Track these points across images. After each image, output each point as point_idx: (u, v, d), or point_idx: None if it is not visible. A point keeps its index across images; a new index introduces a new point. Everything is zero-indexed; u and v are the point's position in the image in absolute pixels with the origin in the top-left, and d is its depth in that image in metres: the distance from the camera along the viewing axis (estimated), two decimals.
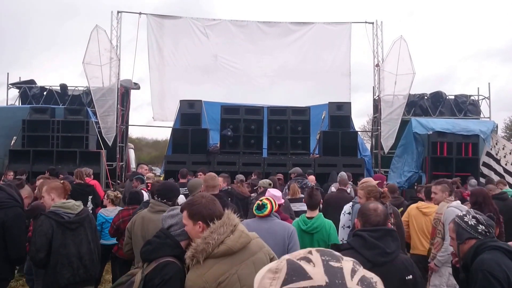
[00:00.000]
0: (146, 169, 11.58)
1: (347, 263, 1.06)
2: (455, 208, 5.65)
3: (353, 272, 1.03)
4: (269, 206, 4.76)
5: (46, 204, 4.94)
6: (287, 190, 9.51)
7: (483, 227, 3.44)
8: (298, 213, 7.01)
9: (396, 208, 6.95)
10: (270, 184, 8.07)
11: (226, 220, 3.01)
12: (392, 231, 3.30)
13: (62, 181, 5.15)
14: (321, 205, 7.91)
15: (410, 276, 3.10)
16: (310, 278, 0.99)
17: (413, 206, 7.51)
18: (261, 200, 4.84)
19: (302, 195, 8.64)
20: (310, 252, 1.08)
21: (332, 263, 1.03)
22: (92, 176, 11.40)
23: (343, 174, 11.76)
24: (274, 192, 6.34)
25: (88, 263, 4.81)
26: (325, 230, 5.56)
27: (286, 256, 1.08)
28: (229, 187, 9.05)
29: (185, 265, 3.04)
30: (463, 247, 3.52)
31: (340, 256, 1.09)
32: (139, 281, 3.02)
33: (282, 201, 7.04)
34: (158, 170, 41.31)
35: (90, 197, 9.47)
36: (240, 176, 11.26)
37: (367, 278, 1.04)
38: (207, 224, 2.98)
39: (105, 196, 8.42)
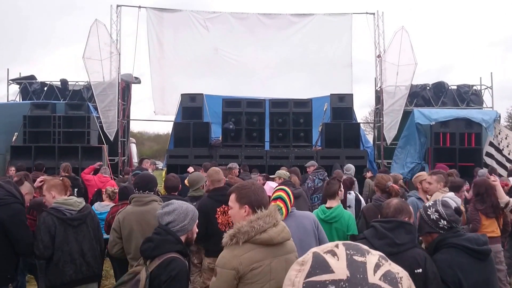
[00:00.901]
0: (149, 164, 11.50)
1: (372, 257, 1.05)
2: (449, 199, 5.60)
3: (377, 266, 1.02)
4: (284, 210, 4.60)
5: (48, 202, 4.90)
6: (310, 184, 9.45)
7: (445, 222, 3.35)
8: None
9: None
10: (289, 177, 7.99)
11: (273, 212, 3.06)
12: (407, 224, 3.30)
13: (61, 178, 5.11)
14: None
15: (420, 270, 3.08)
16: (332, 271, 0.99)
17: None
18: (275, 202, 4.68)
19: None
20: (336, 246, 1.08)
21: (356, 257, 1.03)
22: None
23: (349, 166, 11.77)
24: (272, 185, 6.37)
25: (91, 260, 4.77)
26: (344, 220, 5.57)
27: (314, 249, 1.08)
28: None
29: (190, 259, 3.03)
30: (425, 238, 3.49)
31: (367, 250, 1.08)
32: (144, 279, 3.01)
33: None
34: (160, 164, 41.38)
35: (75, 189, 9.47)
36: (234, 165, 11.26)
37: (392, 273, 1.03)
38: (253, 210, 3.03)
39: (104, 191, 8.42)
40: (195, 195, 6.70)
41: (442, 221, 3.35)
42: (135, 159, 20.18)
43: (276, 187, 4.98)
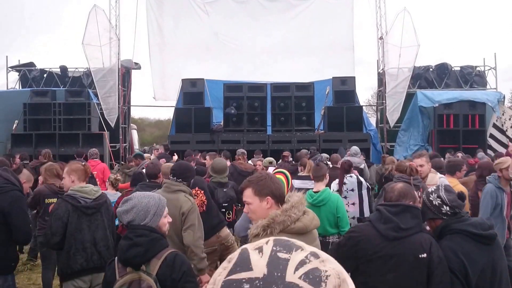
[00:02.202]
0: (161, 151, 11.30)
1: (299, 254, 0.97)
2: (445, 179, 5.60)
3: (301, 264, 0.94)
4: (285, 187, 4.60)
5: (65, 186, 4.84)
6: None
7: (448, 208, 3.26)
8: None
9: None
10: (270, 163, 7.93)
11: (303, 200, 2.94)
12: (413, 208, 3.22)
13: (83, 163, 4.99)
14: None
15: (424, 255, 3.03)
16: (250, 269, 0.93)
17: None
18: None
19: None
20: (267, 242, 1.01)
21: (280, 254, 0.96)
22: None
23: (355, 148, 11.63)
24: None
25: (103, 249, 4.69)
26: (332, 203, 5.57)
27: (246, 245, 1.02)
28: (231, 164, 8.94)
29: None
30: (430, 224, 3.44)
31: (297, 246, 0.99)
32: (155, 284, 2.79)
33: None
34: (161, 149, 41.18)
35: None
36: (241, 150, 11.16)
37: (318, 271, 0.93)
38: (276, 200, 2.87)
39: (107, 180, 8.27)
40: (221, 181, 6.71)
41: (444, 207, 3.27)
42: (136, 146, 20.06)
43: (275, 169, 4.95)
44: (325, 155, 11.15)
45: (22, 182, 4.82)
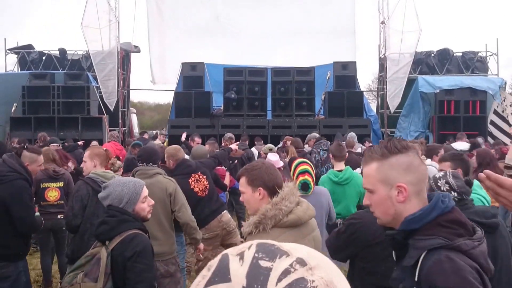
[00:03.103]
0: (162, 136, 11.00)
1: (283, 262, 0.85)
2: (430, 166, 5.55)
3: (285, 274, 0.83)
4: (312, 184, 4.57)
5: (87, 169, 4.85)
6: (317, 157, 9.25)
7: (456, 194, 3.20)
8: None
9: None
10: (270, 150, 7.84)
11: (295, 190, 2.81)
12: None
13: (105, 149, 5.00)
14: None
15: None
16: (229, 280, 0.83)
17: None
18: (304, 176, 4.55)
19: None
20: (249, 247, 0.89)
21: (262, 262, 0.85)
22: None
23: (352, 135, 11.58)
24: (271, 158, 6.47)
25: None
26: (356, 181, 5.56)
27: (227, 250, 0.90)
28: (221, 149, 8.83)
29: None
30: None
31: (281, 252, 0.87)
32: (106, 257, 2.89)
33: (281, 164, 6.84)
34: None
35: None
36: (228, 135, 11.05)
37: (304, 281, 0.82)
38: (268, 191, 2.75)
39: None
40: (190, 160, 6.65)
41: (452, 192, 3.20)
42: (136, 130, 19.93)
43: (298, 160, 4.83)
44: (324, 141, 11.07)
45: (26, 164, 4.70)
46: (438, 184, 3.31)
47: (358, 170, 7.47)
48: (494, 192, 1.44)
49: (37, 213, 4.74)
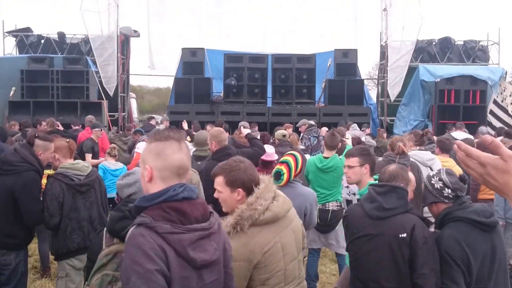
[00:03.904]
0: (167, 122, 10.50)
1: None
2: (411, 157, 5.83)
3: None
4: (286, 175, 4.22)
5: (53, 165, 4.65)
6: (307, 143, 9.12)
7: (450, 191, 3.20)
8: None
9: None
10: (284, 136, 7.62)
11: (269, 185, 2.77)
12: (399, 188, 3.21)
13: (67, 140, 4.73)
14: None
15: (404, 235, 3.03)
16: None
17: None
18: (281, 165, 4.32)
19: (302, 146, 8.46)
20: None
21: None
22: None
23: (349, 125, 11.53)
24: (268, 150, 6.08)
25: (99, 227, 4.50)
26: (340, 170, 5.56)
27: None
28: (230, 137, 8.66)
29: None
30: (431, 210, 3.35)
31: None
32: None
33: (276, 157, 6.64)
34: (160, 118, 40.80)
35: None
36: (243, 123, 10.83)
37: None
38: (247, 191, 2.70)
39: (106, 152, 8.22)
40: (200, 154, 6.36)
41: (446, 189, 3.20)
42: (135, 115, 19.74)
43: (289, 152, 4.62)
44: (324, 128, 10.92)
45: (39, 154, 4.53)
46: (432, 182, 3.28)
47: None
48: (464, 164, 1.45)
49: None
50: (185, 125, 10.85)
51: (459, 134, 10.27)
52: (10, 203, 4.30)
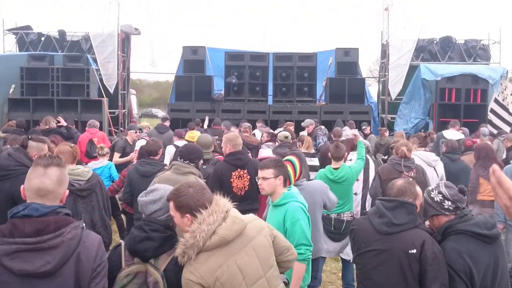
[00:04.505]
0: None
1: None
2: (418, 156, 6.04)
3: None
4: (292, 174, 4.39)
5: None
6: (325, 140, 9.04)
7: (450, 203, 3.19)
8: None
9: None
10: (286, 137, 7.55)
11: (215, 207, 2.65)
12: (408, 204, 3.18)
13: (72, 145, 4.72)
14: None
15: (414, 251, 3.02)
16: None
17: None
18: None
19: (314, 151, 8.26)
20: None
21: None
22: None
23: (351, 123, 11.44)
24: (265, 154, 6.45)
25: (102, 230, 4.59)
26: (351, 179, 5.83)
27: None
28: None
29: None
30: (432, 223, 3.32)
31: None
32: (161, 280, 2.65)
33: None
34: (160, 113, 40.61)
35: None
36: (247, 124, 10.70)
37: None
38: (195, 217, 2.62)
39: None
40: (204, 158, 6.09)
41: (446, 202, 3.19)
42: (135, 111, 19.51)
43: (284, 158, 4.68)
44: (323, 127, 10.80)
45: (33, 156, 4.46)
46: (432, 195, 3.26)
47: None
48: (493, 190, 1.46)
49: None
50: (206, 122, 10.82)
51: (452, 133, 10.10)
52: (10, 208, 4.12)
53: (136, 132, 9.02)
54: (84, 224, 2.49)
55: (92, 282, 2.35)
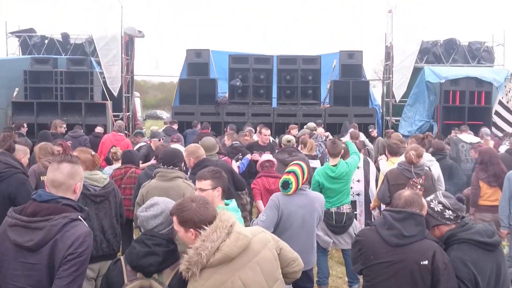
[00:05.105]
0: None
1: None
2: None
3: None
4: (294, 184, 4.48)
5: None
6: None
7: (450, 212, 3.21)
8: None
9: None
10: (289, 141, 7.41)
11: (219, 223, 2.60)
12: (417, 215, 3.11)
13: (93, 154, 4.75)
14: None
15: (426, 262, 2.98)
16: None
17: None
18: (288, 175, 4.55)
19: (316, 153, 8.34)
20: None
21: None
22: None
23: (354, 126, 11.28)
24: (266, 158, 6.46)
25: (111, 237, 4.58)
26: (349, 174, 5.96)
27: None
28: (236, 142, 8.37)
29: None
30: (434, 233, 3.28)
31: None
32: None
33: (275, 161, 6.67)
34: (164, 114, 40.37)
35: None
36: (249, 128, 10.56)
37: None
38: (199, 232, 2.59)
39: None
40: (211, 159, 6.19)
41: (447, 211, 3.21)
42: (139, 113, 19.25)
43: (293, 162, 4.81)
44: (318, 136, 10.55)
45: (20, 158, 4.69)
46: (431, 205, 3.26)
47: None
48: None
49: None
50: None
51: (467, 137, 10.03)
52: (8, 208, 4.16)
53: (159, 139, 8.75)
54: (79, 216, 2.73)
55: (60, 267, 2.58)
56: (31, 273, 2.62)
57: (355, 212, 6.88)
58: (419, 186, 5.62)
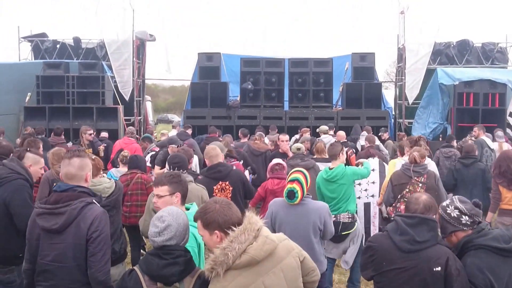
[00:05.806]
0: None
1: None
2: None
3: None
4: (299, 193, 4.31)
5: None
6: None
7: (467, 218, 3.09)
8: None
9: None
10: (298, 149, 7.17)
11: (248, 225, 2.55)
12: (430, 220, 3.04)
13: (94, 158, 4.71)
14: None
15: (438, 268, 2.90)
16: None
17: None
18: (292, 184, 4.36)
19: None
20: None
21: None
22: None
23: (368, 128, 10.94)
24: (276, 162, 6.20)
25: (116, 245, 4.46)
26: (348, 176, 5.58)
27: None
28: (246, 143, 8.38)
29: None
30: (450, 239, 3.17)
31: None
32: None
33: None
34: (176, 118, 40.15)
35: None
36: (259, 132, 10.32)
37: None
38: (225, 233, 2.54)
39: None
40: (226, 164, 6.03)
41: (464, 217, 3.08)
42: (151, 118, 19.03)
43: (295, 168, 4.69)
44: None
45: (28, 166, 4.53)
46: (448, 211, 3.14)
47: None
48: None
49: None
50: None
51: (492, 144, 9.75)
52: (4, 215, 4.18)
53: (178, 146, 8.45)
54: (93, 200, 3.20)
55: (90, 246, 3.06)
56: (59, 252, 3.06)
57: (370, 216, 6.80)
58: (420, 185, 5.67)
